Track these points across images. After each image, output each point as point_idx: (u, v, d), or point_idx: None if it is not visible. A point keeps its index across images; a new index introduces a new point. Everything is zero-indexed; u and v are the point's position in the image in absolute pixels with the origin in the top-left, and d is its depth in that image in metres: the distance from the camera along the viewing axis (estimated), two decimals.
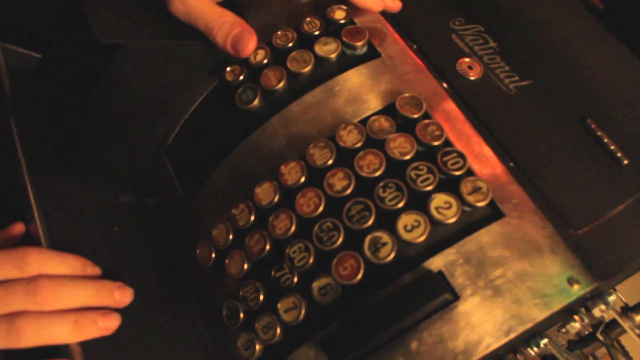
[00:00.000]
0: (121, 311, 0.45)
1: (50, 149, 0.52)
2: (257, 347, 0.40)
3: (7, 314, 0.39)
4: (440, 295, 0.35)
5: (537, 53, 0.49)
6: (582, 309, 0.42)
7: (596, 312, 0.42)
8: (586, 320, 0.41)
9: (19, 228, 0.49)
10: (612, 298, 0.42)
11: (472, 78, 0.48)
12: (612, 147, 0.44)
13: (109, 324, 0.43)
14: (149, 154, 0.52)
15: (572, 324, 0.41)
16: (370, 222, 0.38)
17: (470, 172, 0.40)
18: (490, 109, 0.46)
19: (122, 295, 0.45)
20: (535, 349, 0.46)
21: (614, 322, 0.53)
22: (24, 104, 0.54)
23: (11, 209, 0.50)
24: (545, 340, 0.46)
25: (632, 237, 0.42)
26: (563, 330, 0.42)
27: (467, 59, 0.49)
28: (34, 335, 0.39)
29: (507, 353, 0.47)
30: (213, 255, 0.44)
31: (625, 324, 0.51)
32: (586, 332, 0.56)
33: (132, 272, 0.49)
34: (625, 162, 0.43)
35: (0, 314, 0.39)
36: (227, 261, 0.42)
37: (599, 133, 0.45)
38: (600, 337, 0.52)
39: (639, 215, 0.42)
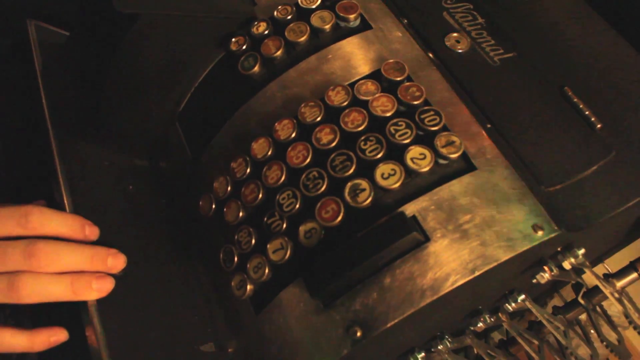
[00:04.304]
0: (132, 261, 0.50)
1: (74, 116, 0.57)
2: (249, 287, 0.44)
3: (7, 272, 0.42)
4: (409, 233, 0.38)
5: (521, 27, 0.52)
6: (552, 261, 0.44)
7: (566, 264, 0.45)
8: (555, 271, 0.44)
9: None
10: (581, 252, 0.44)
11: (459, 51, 0.51)
12: (587, 113, 0.47)
13: (102, 287, 0.46)
14: (162, 120, 0.56)
15: (542, 273, 0.44)
16: (351, 170, 0.42)
17: (445, 129, 0.43)
18: (474, 79, 0.49)
19: (115, 262, 0.47)
20: (513, 304, 0.49)
21: (596, 288, 0.55)
22: (53, 76, 0.59)
23: (39, 168, 0.56)
24: (522, 296, 0.49)
25: (602, 196, 0.44)
26: (534, 280, 0.45)
27: (455, 34, 0.52)
28: (32, 293, 0.42)
29: (491, 314, 0.50)
30: (213, 206, 0.48)
31: (606, 290, 0.53)
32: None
33: (142, 226, 0.53)
34: (599, 126, 0.46)
35: (1, 272, 0.42)
36: (225, 209, 0.47)
37: (575, 100, 0.47)
38: (582, 301, 0.55)
39: (609, 176, 0.45)
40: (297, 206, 0.43)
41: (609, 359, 1.14)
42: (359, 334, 0.39)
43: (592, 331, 0.58)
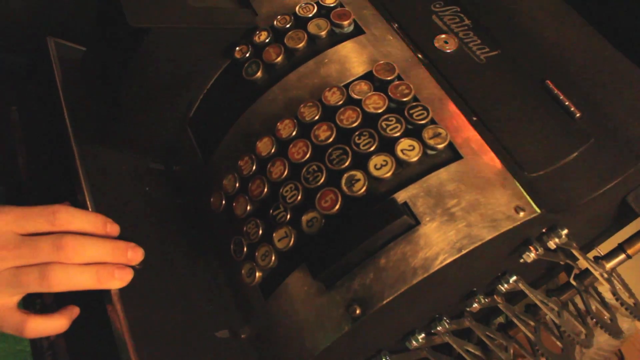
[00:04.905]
0: (150, 255, 0.54)
1: (93, 125, 0.62)
2: (258, 274, 0.48)
3: (38, 264, 0.47)
4: (400, 217, 0.42)
5: (505, 27, 0.56)
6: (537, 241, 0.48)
7: (551, 244, 0.48)
8: (540, 250, 0.47)
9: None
10: (564, 232, 0.48)
11: (448, 51, 0.55)
12: (567, 103, 0.50)
13: (123, 277, 0.50)
14: (175, 126, 0.61)
15: (528, 253, 0.47)
16: (347, 163, 0.46)
17: (433, 122, 0.47)
18: (462, 76, 0.53)
19: (134, 255, 0.51)
20: (506, 285, 0.52)
21: (587, 270, 0.59)
22: (72, 89, 0.64)
23: (62, 172, 0.60)
24: (514, 277, 0.52)
25: (583, 179, 0.48)
26: (521, 260, 0.48)
27: (444, 35, 0.56)
28: (61, 283, 0.47)
29: (486, 296, 0.53)
30: (223, 202, 0.52)
31: (596, 272, 0.56)
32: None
33: (159, 223, 0.58)
34: (578, 115, 0.50)
35: (31, 263, 0.47)
36: (234, 204, 0.51)
37: (556, 92, 0.51)
38: (574, 283, 0.58)
39: (589, 161, 0.48)
40: (299, 198, 0.47)
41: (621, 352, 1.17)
42: (358, 311, 0.43)
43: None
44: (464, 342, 0.57)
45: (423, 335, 0.53)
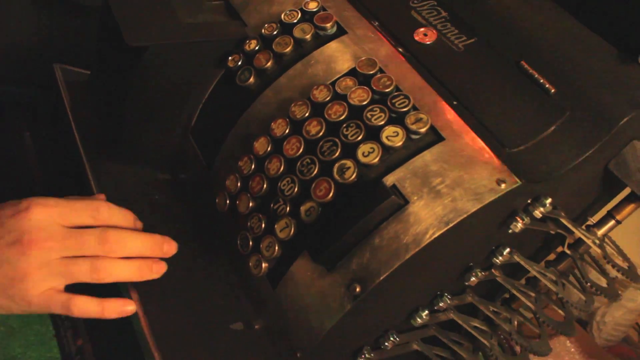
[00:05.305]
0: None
1: (102, 140, 0.66)
2: (264, 265, 0.52)
3: (87, 256, 0.51)
4: (388, 197, 0.45)
5: (480, 15, 0.59)
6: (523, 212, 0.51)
7: (537, 213, 0.51)
8: (527, 220, 0.50)
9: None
10: (548, 201, 0.50)
11: (427, 43, 0.58)
12: (542, 81, 0.53)
13: (159, 270, 0.55)
14: (178, 136, 0.65)
15: (515, 223, 0.50)
16: (337, 154, 0.49)
17: (415, 109, 0.50)
18: (442, 65, 0.56)
19: (169, 247, 0.56)
20: (500, 257, 0.55)
21: (580, 239, 0.61)
22: (81, 110, 0.69)
23: (76, 189, 0.64)
24: (507, 250, 0.55)
25: (562, 151, 0.51)
26: (510, 230, 0.51)
27: (423, 29, 0.59)
28: (109, 275, 0.51)
29: (483, 270, 0.56)
30: (227, 201, 0.56)
31: (588, 240, 0.59)
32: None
33: (169, 229, 0.61)
34: (553, 90, 0.52)
35: (77, 255, 0.51)
36: (237, 202, 0.54)
37: (530, 71, 0.54)
38: (568, 252, 0.61)
39: (566, 134, 0.51)
40: (296, 190, 0.50)
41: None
42: (358, 289, 0.46)
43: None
44: (469, 318, 0.60)
45: (427, 312, 0.56)
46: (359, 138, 0.49)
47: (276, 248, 0.50)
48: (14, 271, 0.49)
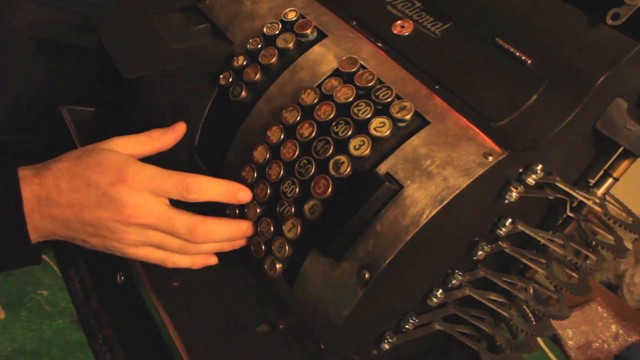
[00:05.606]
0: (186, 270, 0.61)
1: None
2: (278, 265, 0.54)
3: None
4: (382, 184, 0.48)
5: (452, 0, 0.61)
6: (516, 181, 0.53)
7: (530, 181, 0.53)
8: (520, 188, 0.52)
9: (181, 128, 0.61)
10: (539, 167, 0.52)
11: (405, 34, 0.61)
12: (518, 54, 0.55)
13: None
14: (184, 156, 0.68)
15: (510, 193, 0.52)
16: (330, 151, 0.52)
17: (398, 98, 0.52)
18: (421, 53, 0.59)
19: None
20: (503, 229, 0.57)
21: (582, 202, 0.63)
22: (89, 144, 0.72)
23: None
24: (509, 220, 0.57)
25: (545, 118, 0.53)
26: (505, 201, 0.53)
27: (399, 22, 0.62)
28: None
29: (490, 243, 0.58)
30: (237, 211, 0.59)
31: (588, 201, 0.61)
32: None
33: None
34: (529, 62, 0.55)
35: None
36: (246, 210, 0.57)
37: (506, 46, 0.56)
38: (572, 215, 0.62)
39: (548, 101, 0.53)
40: (297, 190, 0.53)
41: None
42: (367, 275, 0.49)
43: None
44: (485, 292, 0.62)
45: (441, 291, 0.58)
46: (349, 133, 0.51)
47: (287, 248, 0.53)
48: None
